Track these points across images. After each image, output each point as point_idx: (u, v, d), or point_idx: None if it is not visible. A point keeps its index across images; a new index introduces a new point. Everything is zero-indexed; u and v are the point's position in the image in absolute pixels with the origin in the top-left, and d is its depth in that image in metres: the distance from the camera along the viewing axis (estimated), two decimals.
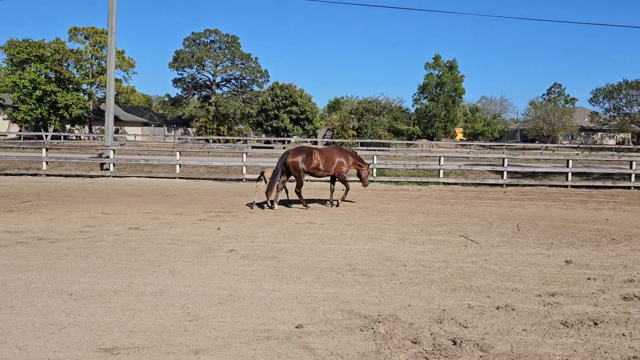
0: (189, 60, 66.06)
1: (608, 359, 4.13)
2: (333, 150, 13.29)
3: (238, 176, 19.86)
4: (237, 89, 72.17)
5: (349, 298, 5.52)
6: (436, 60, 69.37)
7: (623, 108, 68.72)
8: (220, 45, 69.19)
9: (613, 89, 67.78)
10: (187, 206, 12.45)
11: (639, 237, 9.28)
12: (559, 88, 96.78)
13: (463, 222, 10.68)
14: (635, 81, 66.15)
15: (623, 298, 5.68)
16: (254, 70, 69.28)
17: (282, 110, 54.37)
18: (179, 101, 73.39)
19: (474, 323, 4.83)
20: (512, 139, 79.53)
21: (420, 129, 67.33)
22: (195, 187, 17.23)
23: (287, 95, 54.70)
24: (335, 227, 9.82)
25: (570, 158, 21.10)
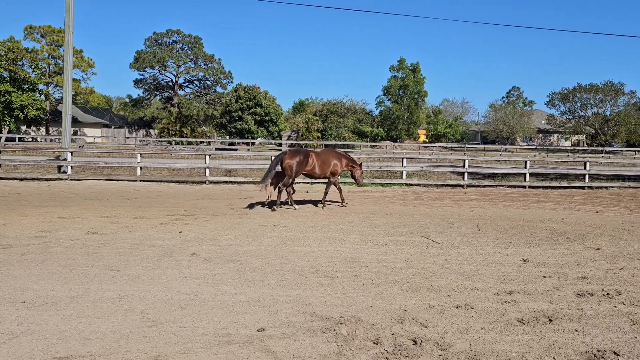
0: (150, 60, 64.95)
1: (561, 354, 4.26)
2: (328, 153, 13.58)
3: (201, 178, 19.62)
4: (201, 90, 71.34)
5: (311, 300, 5.52)
6: (400, 63, 70.38)
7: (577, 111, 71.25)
8: (183, 45, 68.31)
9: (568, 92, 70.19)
10: (148, 209, 12.22)
11: (592, 236, 9.60)
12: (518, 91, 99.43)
13: (425, 223, 10.83)
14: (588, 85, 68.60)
15: (576, 295, 5.86)
16: (218, 72, 68.64)
17: (246, 112, 54.06)
18: (140, 102, 72.08)
19: (434, 322, 4.91)
20: (473, 140, 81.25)
21: (384, 130, 68.14)
22: (157, 190, 16.92)
23: (251, 97, 54.43)
24: (299, 229, 9.81)
25: (528, 159, 21.69)
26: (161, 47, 66.87)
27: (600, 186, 20.31)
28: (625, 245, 8.81)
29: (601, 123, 69.18)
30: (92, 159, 23.73)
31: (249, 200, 14.28)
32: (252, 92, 55.32)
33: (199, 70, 68.56)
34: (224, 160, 26.37)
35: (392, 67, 70.93)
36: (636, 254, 8.14)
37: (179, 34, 67.70)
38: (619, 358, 4.19)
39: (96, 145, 49.66)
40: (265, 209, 12.40)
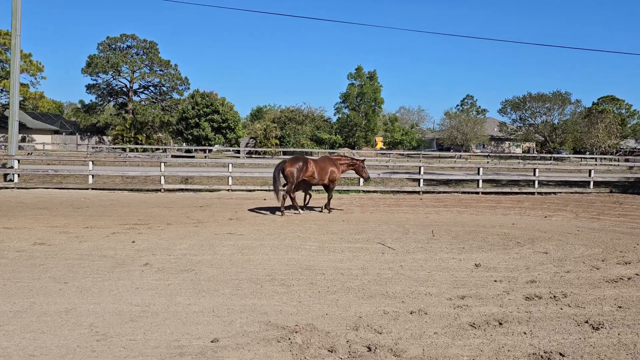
0: (103, 65, 63.33)
1: (510, 357, 4.37)
2: (325, 160, 14.07)
3: (156, 186, 19.23)
4: (156, 96, 69.98)
5: (267, 309, 5.48)
6: (358, 71, 71.16)
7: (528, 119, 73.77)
8: (138, 50, 66.93)
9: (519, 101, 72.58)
10: (100, 219, 11.88)
11: (541, 240, 9.92)
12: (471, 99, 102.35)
13: (381, 230, 10.95)
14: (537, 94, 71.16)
15: (525, 298, 6.04)
16: (174, 78, 67.58)
17: (203, 119, 53.31)
18: (93, 108, 70.01)
19: (389, 328, 4.95)
20: (429, 147, 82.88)
21: (342, 137, 68.61)
22: (109, 199, 16.47)
23: (208, 104, 53.74)
24: (256, 237, 9.74)
25: (481, 166, 22.27)
26: (115, 52, 65.31)
27: (549, 192, 21.05)
28: (571, 249, 9.15)
29: (550, 131, 71.81)
30: (41, 166, 22.92)
31: (205, 209, 14.10)
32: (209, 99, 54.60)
33: (155, 76, 67.32)
34: (180, 167, 25.95)
35: (350, 75, 71.65)
36: (581, 257, 8.46)
37: (133, 38, 66.31)
38: (564, 359, 4.34)
39: (46, 152, 47.90)
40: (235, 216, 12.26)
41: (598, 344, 4.67)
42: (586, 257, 8.43)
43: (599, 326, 5.10)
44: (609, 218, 13.77)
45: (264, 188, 19.52)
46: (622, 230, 11.62)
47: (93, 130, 72.94)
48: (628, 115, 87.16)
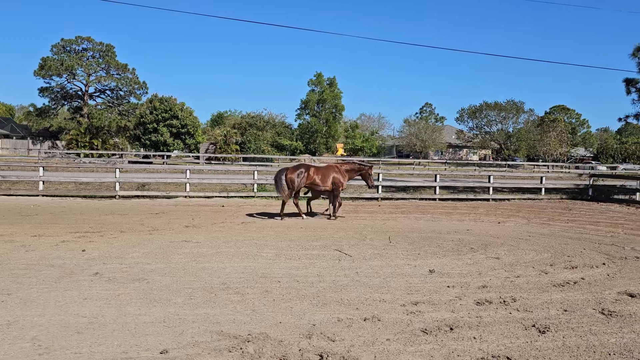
0: (57, 68, 61.48)
1: None
2: (328, 167, 14.25)
3: (111, 193, 18.74)
4: (113, 101, 68.39)
5: (220, 318, 5.40)
6: (318, 78, 71.44)
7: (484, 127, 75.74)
8: (94, 53, 65.32)
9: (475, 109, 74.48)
10: (50, 227, 11.47)
11: (493, 246, 10.16)
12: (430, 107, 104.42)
13: (339, 236, 10.99)
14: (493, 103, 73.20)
15: (476, 303, 6.17)
16: (131, 82, 66.23)
17: (161, 124, 52.41)
18: (46, 112, 67.81)
19: (342, 336, 4.96)
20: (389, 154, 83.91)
21: (303, 144, 68.67)
22: (61, 206, 15.94)
23: (167, 109, 52.88)
24: (211, 244, 9.61)
25: (438, 173, 22.70)
26: (70, 55, 63.53)
27: (503, 198, 21.63)
28: (522, 254, 9.40)
29: (505, 138, 73.92)
30: None
31: (160, 216, 13.82)
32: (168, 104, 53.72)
33: (111, 79, 65.80)
34: (137, 173, 25.40)
35: (310, 82, 71.91)
36: (531, 262, 8.71)
37: (89, 41, 64.70)
38: None
39: None
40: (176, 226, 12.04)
41: (543, 347, 4.80)
42: (536, 262, 8.68)
43: (545, 330, 5.25)
44: (558, 224, 14.24)
45: (223, 194, 19.31)
46: (571, 235, 12.03)
47: (46, 135, 70.56)
48: (578, 124, 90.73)
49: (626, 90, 25.02)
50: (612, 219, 15.60)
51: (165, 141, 52.18)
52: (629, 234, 12.59)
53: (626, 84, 25.00)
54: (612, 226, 13.94)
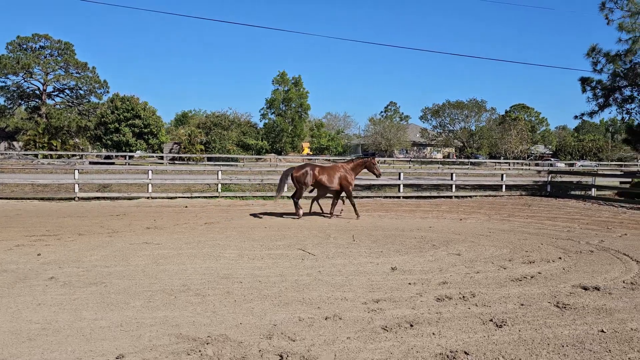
0: (13, 66, 59.42)
1: (419, 358, 4.49)
2: (334, 167, 14.45)
3: (70, 195, 18.24)
4: (73, 100, 66.60)
5: (179, 321, 5.32)
6: (282, 77, 71.30)
7: (447, 125, 77.04)
8: (52, 51, 63.44)
9: (439, 108, 75.65)
10: (4, 230, 11.08)
11: (455, 242, 10.33)
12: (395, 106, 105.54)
13: (303, 235, 10.98)
14: (456, 102, 74.48)
15: (436, 299, 6.25)
16: (92, 81, 64.62)
17: (123, 124, 51.39)
18: (1, 112, 65.45)
19: (303, 335, 4.95)
20: (354, 153, 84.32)
21: (269, 143, 68.44)
22: (16, 208, 15.42)
23: (129, 108, 51.87)
24: (173, 246, 9.46)
25: (402, 171, 22.95)
26: (26, 53, 61.51)
27: (465, 195, 22.03)
28: (482, 250, 9.59)
29: (467, 137, 75.35)
30: None
31: (121, 218, 13.53)
32: (130, 103, 52.68)
33: (71, 78, 64.04)
34: (97, 175, 24.80)
35: (275, 81, 71.69)
36: (491, 257, 8.89)
37: (47, 39, 62.78)
38: (469, 357, 4.51)
39: None
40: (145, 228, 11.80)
41: (500, 341, 4.90)
42: (495, 258, 8.87)
43: (502, 324, 5.36)
44: (518, 219, 14.58)
45: (186, 195, 19.05)
46: (529, 231, 12.34)
47: (2, 136, 68.10)
48: (537, 123, 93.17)
49: (582, 89, 25.77)
50: (569, 214, 16.08)
51: (128, 141, 51.19)
52: (584, 228, 12.99)
53: (582, 83, 25.76)
54: (569, 221, 14.37)
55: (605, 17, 21.33)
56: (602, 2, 21.33)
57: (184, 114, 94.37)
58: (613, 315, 5.74)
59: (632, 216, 16.00)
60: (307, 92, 71.68)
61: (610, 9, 21.14)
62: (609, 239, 11.24)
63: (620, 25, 21.07)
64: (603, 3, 21.32)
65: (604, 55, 23.69)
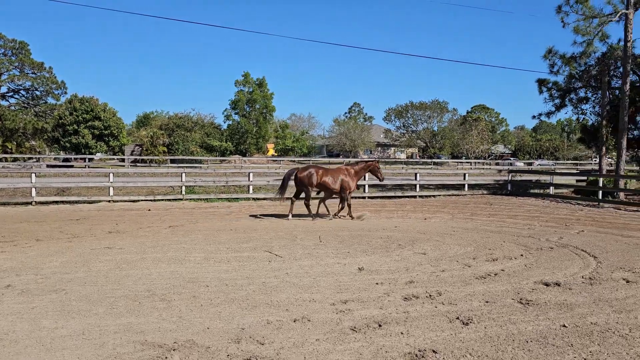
0: None
1: (388, 357, 4.51)
2: (338, 170, 14.63)
3: (26, 199, 17.62)
4: (28, 101, 64.29)
5: (144, 327, 5.19)
6: (246, 78, 70.75)
7: (410, 126, 78.05)
8: (6, 51, 61.05)
9: (402, 109, 76.56)
10: None
11: (420, 242, 10.45)
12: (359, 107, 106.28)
13: (269, 237, 10.91)
14: (418, 102, 75.54)
15: (404, 299, 6.30)
16: (49, 81, 62.54)
17: (82, 126, 49.99)
18: None
19: (271, 338, 4.90)
20: (319, 154, 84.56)
21: (233, 144, 67.78)
22: None
23: (88, 109, 50.50)
24: (136, 250, 9.24)
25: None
26: None
27: (429, 195, 22.34)
28: (447, 248, 9.74)
29: (430, 137, 76.50)
30: None
31: (82, 222, 13.15)
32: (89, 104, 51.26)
33: (26, 78, 61.79)
34: (56, 178, 24.03)
35: (238, 82, 71.11)
36: (455, 256, 9.03)
37: (0, 37, 60.53)
38: (437, 355, 4.56)
39: None
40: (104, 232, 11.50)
41: (467, 338, 4.97)
42: (460, 256, 9.01)
43: (468, 321, 5.44)
44: (480, 218, 14.88)
45: (149, 198, 18.68)
46: (492, 229, 12.60)
47: None
48: (497, 123, 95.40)
49: (539, 90, 26.54)
50: (529, 212, 16.50)
51: (87, 143, 49.85)
52: (544, 226, 13.36)
53: (539, 84, 26.53)
54: (529, 219, 14.75)
55: (561, 20, 22.02)
56: (558, 6, 22.00)
57: (146, 115, 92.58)
58: (574, 310, 5.91)
59: (588, 213, 16.55)
60: (272, 94, 71.32)
61: (566, 12, 21.81)
62: (568, 235, 11.59)
63: (575, 28, 21.78)
64: (559, 6, 21.98)
65: (560, 58, 24.47)
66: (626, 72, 21.38)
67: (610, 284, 7.17)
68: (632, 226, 13.44)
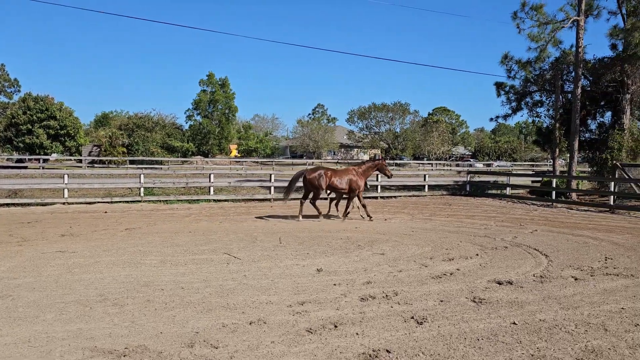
0: None
1: (342, 358, 4.53)
2: (346, 170, 14.85)
3: None
4: None
5: (94, 333, 5.05)
6: (210, 78, 70.05)
7: (373, 127, 78.76)
8: None
9: (365, 110, 77.21)
10: None
11: (379, 242, 10.55)
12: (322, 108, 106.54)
13: (229, 239, 10.81)
14: (381, 104, 76.35)
15: (361, 299, 6.34)
16: (1, 79, 60.45)
17: (37, 125, 48.36)
18: None
19: (226, 342, 4.85)
20: (283, 155, 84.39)
21: (195, 145, 66.91)
22: None
23: (42, 108, 48.89)
24: (90, 254, 9.00)
25: None
26: None
27: (390, 195, 22.60)
28: (405, 249, 9.86)
29: (392, 138, 77.37)
30: None
31: (33, 225, 12.72)
32: (44, 103, 49.62)
33: None
34: (7, 179, 23.13)
35: (202, 82, 70.31)
36: (413, 256, 9.16)
37: None
38: (390, 355, 4.61)
39: None
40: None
41: (420, 337, 5.05)
42: (417, 256, 9.14)
43: (422, 321, 5.52)
44: (439, 218, 15.13)
45: (106, 200, 18.23)
46: (450, 229, 12.84)
47: None
48: (457, 125, 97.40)
49: (497, 93, 27.28)
50: (486, 212, 16.89)
51: (42, 144, 48.25)
52: (499, 225, 13.70)
53: (496, 88, 27.25)
54: (486, 219, 15.10)
55: (517, 26, 22.64)
56: (514, 12, 22.62)
57: (105, 115, 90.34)
58: (524, 307, 6.08)
59: (542, 213, 17.07)
60: (234, 94, 70.79)
61: (522, 19, 22.45)
62: (522, 235, 11.92)
63: (530, 34, 22.44)
64: (515, 13, 22.60)
65: (516, 62, 25.18)
66: (577, 76, 22.17)
67: (560, 281, 7.40)
68: (582, 225, 13.93)
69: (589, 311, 5.96)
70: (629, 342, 5.01)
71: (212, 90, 69.68)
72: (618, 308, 6.11)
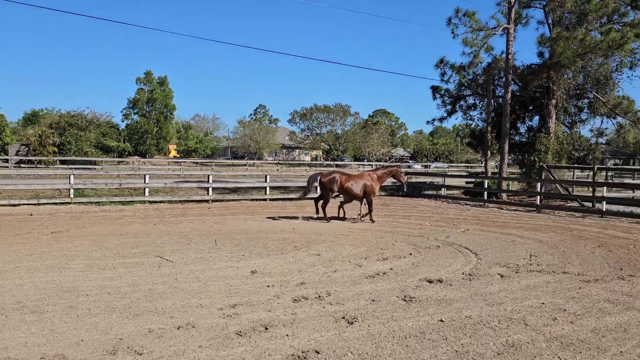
0: None
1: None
2: (361, 175, 15.03)
3: None
4: None
5: (8, 343, 4.76)
6: (147, 76, 68.10)
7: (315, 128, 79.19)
8: None
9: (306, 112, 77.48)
10: None
11: (316, 243, 10.58)
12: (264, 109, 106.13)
13: (162, 242, 10.51)
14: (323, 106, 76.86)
15: (293, 300, 6.32)
16: None
17: None
18: None
19: (151, 348, 4.70)
20: (223, 155, 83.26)
21: (132, 145, 64.83)
22: None
23: None
24: (10, 259, 8.50)
25: (269, 173, 23.07)
26: None
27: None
28: (341, 249, 9.93)
29: (334, 140, 78.06)
30: None
31: None
32: None
33: None
34: None
35: (139, 80, 68.20)
36: (348, 256, 9.24)
37: None
38: (319, 355, 4.61)
39: None
40: None
41: (350, 337, 5.08)
42: (352, 256, 9.23)
43: (353, 320, 5.56)
44: (376, 219, 15.34)
45: (32, 202, 17.31)
46: (386, 229, 13.06)
47: None
48: (397, 127, 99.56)
49: (433, 96, 28.03)
50: (422, 212, 17.32)
51: None
52: (434, 225, 14.07)
53: (432, 91, 28.01)
54: (421, 219, 15.47)
55: (451, 32, 23.39)
56: (448, 18, 23.35)
57: (34, 112, 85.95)
58: (452, 305, 6.25)
59: (474, 213, 17.69)
60: (173, 92, 69.11)
61: (456, 25, 23.21)
62: (454, 234, 12.29)
63: (464, 40, 23.23)
64: (449, 19, 23.34)
65: (451, 67, 26.01)
66: (508, 81, 23.15)
67: (487, 279, 7.68)
68: (511, 224, 14.54)
69: (512, 307, 6.21)
70: (546, 335, 5.25)
71: (150, 88, 67.75)
72: (539, 303, 6.40)
